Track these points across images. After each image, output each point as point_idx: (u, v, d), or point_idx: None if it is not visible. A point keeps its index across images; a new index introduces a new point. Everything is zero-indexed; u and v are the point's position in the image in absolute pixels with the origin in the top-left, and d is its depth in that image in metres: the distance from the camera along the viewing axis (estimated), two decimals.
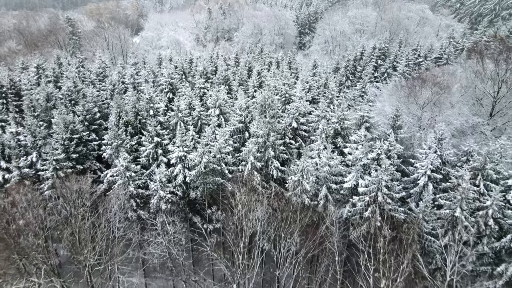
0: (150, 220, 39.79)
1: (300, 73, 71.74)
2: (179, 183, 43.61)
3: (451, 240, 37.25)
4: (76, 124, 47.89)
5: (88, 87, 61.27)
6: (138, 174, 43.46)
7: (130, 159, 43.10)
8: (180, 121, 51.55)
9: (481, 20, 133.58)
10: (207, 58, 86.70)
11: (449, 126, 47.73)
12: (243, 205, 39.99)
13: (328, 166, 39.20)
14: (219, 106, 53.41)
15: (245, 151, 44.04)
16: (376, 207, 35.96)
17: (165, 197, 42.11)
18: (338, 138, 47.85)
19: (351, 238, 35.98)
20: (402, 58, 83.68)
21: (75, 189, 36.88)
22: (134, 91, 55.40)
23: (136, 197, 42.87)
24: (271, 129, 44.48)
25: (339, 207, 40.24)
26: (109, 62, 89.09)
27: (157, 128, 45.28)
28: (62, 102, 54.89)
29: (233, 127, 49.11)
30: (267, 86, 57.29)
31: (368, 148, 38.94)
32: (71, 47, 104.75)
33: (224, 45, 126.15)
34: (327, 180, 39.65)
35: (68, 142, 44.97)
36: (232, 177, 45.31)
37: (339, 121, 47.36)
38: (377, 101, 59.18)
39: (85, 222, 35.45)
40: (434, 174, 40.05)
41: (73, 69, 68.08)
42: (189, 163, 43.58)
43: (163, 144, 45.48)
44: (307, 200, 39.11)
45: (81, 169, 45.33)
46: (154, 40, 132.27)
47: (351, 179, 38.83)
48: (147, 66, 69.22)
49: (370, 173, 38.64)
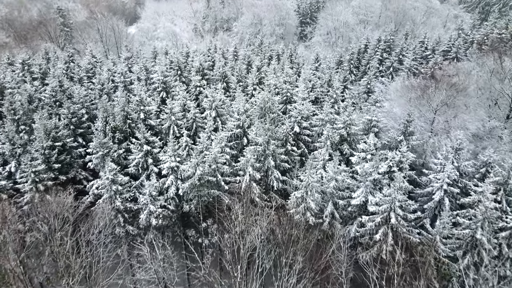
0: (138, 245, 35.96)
1: (302, 69, 67.54)
2: (172, 196, 39.94)
3: (470, 263, 33.85)
4: (59, 130, 44.02)
5: (76, 85, 57.30)
6: (126, 187, 39.68)
7: (117, 170, 39.36)
8: (173, 124, 47.76)
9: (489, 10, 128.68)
10: (205, 52, 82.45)
11: (464, 131, 43.96)
12: (241, 222, 36.45)
13: (335, 181, 35.42)
14: (215, 108, 49.46)
15: (243, 161, 40.29)
16: (388, 228, 32.33)
17: (155, 212, 38.48)
18: (344, 145, 44.06)
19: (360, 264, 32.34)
20: (408, 51, 79.53)
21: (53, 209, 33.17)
22: (124, 92, 51.43)
23: (124, 211, 39.20)
24: (271, 137, 40.67)
25: (346, 225, 36.65)
26: (102, 56, 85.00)
27: (147, 135, 41.41)
28: (46, 103, 50.91)
29: (231, 133, 45.24)
30: (267, 86, 53.19)
31: (378, 160, 35.07)
32: (63, 39, 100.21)
33: (222, 37, 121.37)
34: (333, 195, 35.92)
35: (49, 151, 41.04)
36: (229, 188, 41.69)
37: (345, 126, 43.52)
38: (384, 100, 55.21)
39: (65, 246, 31.84)
40: (451, 188, 36.39)
41: (60, 65, 63.95)
42: (182, 174, 39.84)
43: (153, 152, 41.67)
44: (311, 219, 35.44)
45: (65, 180, 41.60)
46: (150, 31, 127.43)
47: (360, 195, 35.12)
48: (141, 62, 64.98)
49: (381, 189, 34.95)
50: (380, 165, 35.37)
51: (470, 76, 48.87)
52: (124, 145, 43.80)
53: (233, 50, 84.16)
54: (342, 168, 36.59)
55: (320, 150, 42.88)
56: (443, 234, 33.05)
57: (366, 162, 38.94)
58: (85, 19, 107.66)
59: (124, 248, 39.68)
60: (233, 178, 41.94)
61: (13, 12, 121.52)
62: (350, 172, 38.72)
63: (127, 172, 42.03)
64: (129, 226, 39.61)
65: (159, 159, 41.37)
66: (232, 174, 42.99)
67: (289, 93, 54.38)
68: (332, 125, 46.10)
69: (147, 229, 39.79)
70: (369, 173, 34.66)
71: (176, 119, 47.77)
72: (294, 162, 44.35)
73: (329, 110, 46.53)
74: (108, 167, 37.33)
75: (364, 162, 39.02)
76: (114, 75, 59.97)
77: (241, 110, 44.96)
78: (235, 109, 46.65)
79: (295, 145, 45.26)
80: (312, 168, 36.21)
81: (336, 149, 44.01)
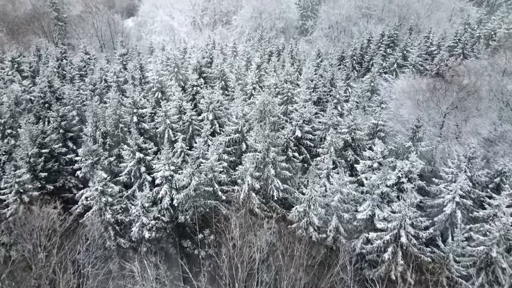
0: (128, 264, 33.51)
1: (303, 67, 64.81)
2: (166, 207, 37.58)
3: (485, 281, 31.58)
4: (47, 135, 41.49)
5: (67, 85, 54.70)
6: (117, 197, 37.25)
7: (108, 179, 36.97)
8: (168, 128, 45.30)
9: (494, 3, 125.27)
10: (203, 47, 79.65)
11: (476, 136, 41.56)
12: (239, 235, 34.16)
13: (340, 194, 33.00)
14: (212, 110, 46.90)
15: (241, 170, 37.87)
16: (398, 247, 29.99)
17: (148, 224, 36.14)
18: (349, 150, 41.71)
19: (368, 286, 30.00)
20: (413, 47, 76.68)
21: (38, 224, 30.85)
22: (117, 93, 48.81)
23: (115, 224, 36.83)
24: (271, 143, 38.20)
25: (351, 239, 34.31)
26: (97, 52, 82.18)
27: (139, 141, 38.87)
28: (35, 105, 48.36)
29: (229, 138, 42.78)
30: (267, 87, 50.61)
31: (386, 172, 32.60)
32: (57, 33, 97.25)
33: (221, 31, 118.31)
34: (337, 209, 33.52)
35: (35, 158, 38.50)
36: (227, 197, 39.35)
37: (349, 131, 41.09)
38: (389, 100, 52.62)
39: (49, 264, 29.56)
40: (464, 200, 34.01)
41: (52, 63, 61.17)
42: (177, 183, 37.45)
43: (146, 160, 39.22)
44: (314, 234, 33.09)
45: (52, 190, 39.15)
46: (148, 25, 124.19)
47: (366, 208, 32.74)
48: (135, 60, 62.31)
49: (390, 202, 32.56)
50: (388, 176, 32.91)
51: (482, 77, 46.22)
52: (116, 151, 41.37)
53: (232, 46, 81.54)
54: (347, 179, 34.11)
55: (323, 157, 40.45)
56: (457, 252, 30.73)
57: (372, 171, 36.65)
58: (80, 13, 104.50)
59: (115, 261, 37.36)
60: (231, 187, 39.60)
61: (7, 5, 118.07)
62: (355, 182, 36.29)
63: (119, 181, 39.65)
64: (121, 239, 37.28)
65: (152, 167, 38.92)
66: (230, 182, 40.66)
67: (290, 93, 51.88)
68: (336, 128, 43.72)
69: (140, 242, 37.45)
70: (377, 186, 32.25)
71: (171, 122, 45.29)
72: (296, 170, 41.95)
73: (332, 112, 44.00)
74: (97, 177, 34.89)
75: (370, 171, 36.70)
76: (107, 75, 57.30)
77: (239, 114, 42.44)
78: (234, 113, 44.13)
79: (296, 151, 42.85)
80: (315, 176, 33.76)
81: (340, 155, 41.70)
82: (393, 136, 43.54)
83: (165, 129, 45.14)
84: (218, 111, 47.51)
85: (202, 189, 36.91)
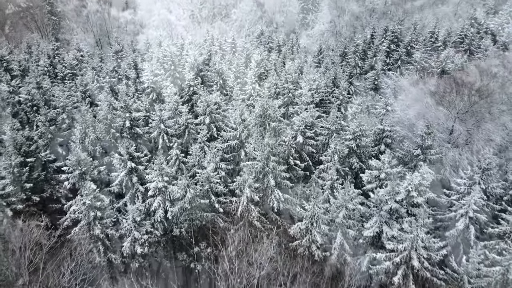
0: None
1: (304, 65, 62.25)
2: (159, 219, 35.31)
3: None
4: (33, 142, 39.05)
5: (58, 85, 52.17)
6: (108, 210, 34.87)
7: (98, 190, 34.64)
8: (162, 133, 42.94)
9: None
10: (201, 43, 77.13)
11: (488, 143, 39.23)
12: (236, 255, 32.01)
13: (345, 209, 30.69)
14: (210, 113, 44.46)
15: (239, 181, 35.53)
16: (409, 269, 27.77)
17: (140, 239, 33.92)
18: (353, 158, 39.38)
19: None
20: (418, 43, 74.05)
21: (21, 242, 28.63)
22: (109, 95, 46.25)
23: (105, 238, 34.54)
24: (271, 152, 35.82)
25: (356, 255, 32.10)
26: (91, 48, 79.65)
27: (131, 149, 36.45)
28: (22, 108, 45.92)
29: (226, 144, 40.43)
30: (267, 89, 48.17)
31: (395, 185, 30.29)
32: (50, 28, 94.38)
33: (220, 25, 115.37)
34: (343, 225, 31.22)
35: (19, 168, 36.08)
36: (224, 208, 37.12)
37: (354, 137, 38.71)
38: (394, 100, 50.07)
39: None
40: (477, 215, 31.71)
41: (42, 62, 58.54)
42: (171, 195, 35.14)
43: (139, 170, 36.84)
44: (317, 253, 30.86)
45: (38, 201, 36.79)
46: (145, 19, 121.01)
47: (373, 225, 30.49)
48: (130, 57, 59.67)
49: (399, 218, 30.27)
50: (397, 189, 30.61)
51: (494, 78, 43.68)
52: (107, 160, 39.04)
53: (231, 42, 78.64)
54: (353, 193, 31.75)
55: (326, 165, 38.13)
56: (471, 274, 28.53)
57: (379, 181, 34.41)
58: (75, 7, 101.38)
59: (106, 277, 35.21)
60: (228, 199, 37.35)
61: None
62: (361, 194, 33.96)
63: (110, 191, 37.34)
64: (112, 254, 35.03)
65: (145, 177, 36.54)
66: (228, 192, 38.37)
67: (291, 94, 49.50)
68: (339, 133, 41.37)
69: (132, 257, 35.22)
70: (385, 201, 29.93)
71: (166, 127, 42.91)
72: (298, 178, 39.70)
73: (335, 115, 41.56)
74: (86, 190, 32.53)
75: (377, 181, 34.47)
76: (99, 75, 54.72)
77: (238, 120, 40.02)
78: (232, 117, 41.74)
79: (298, 158, 40.54)
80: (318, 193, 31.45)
81: (344, 162, 39.36)
82: (400, 142, 41.22)
83: (159, 134, 42.79)
84: (216, 114, 45.09)
85: (198, 201, 34.61)
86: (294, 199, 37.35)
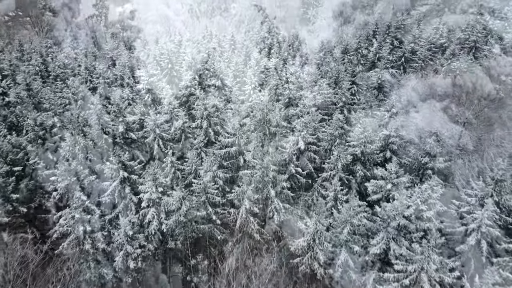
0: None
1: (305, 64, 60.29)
2: (153, 232, 33.51)
3: None
4: (21, 148, 37.17)
5: (50, 86, 50.12)
6: (99, 222, 33.02)
7: (89, 201, 32.85)
8: (158, 138, 41.05)
9: None
10: (199, 40, 75.06)
11: (499, 149, 37.40)
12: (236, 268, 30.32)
13: (349, 225, 28.87)
14: (207, 117, 42.53)
15: (238, 191, 33.70)
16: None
17: (133, 253, 32.15)
18: (357, 165, 37.48)
19: None
20: (421, 39, 71.91)
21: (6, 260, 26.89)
22: (102, 98, 44.34)
23: (96, 253, 32.73)
24: (271, 161, 33.94)
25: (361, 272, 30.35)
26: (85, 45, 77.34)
27: (123, 158, 34.52)
28: (11, 111, 43.99)
29: (224, 150, 38.54)
30: (268, 91, 46.19)
31: (403, 199, 28.42)
32: (45, 24, 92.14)
33: (219, 20, 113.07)
34: (347, 241, 29.40)
35: (5, 178, 34.20)
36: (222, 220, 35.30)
37: (359, 144, 36.78)
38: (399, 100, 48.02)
39: None
40: (490, 230, 29.92)
41: (34, 61, 56.42)
42: (166, 207, 33.31)
43: (132, 179, 34.96)
44: (320, 271, 29.08)
45: (25, 212, 34.90)
46: (142, 13, 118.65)
47: (380, 241, 28.68)
48: (125, 56, 57.65)
49: (407, 234, 28.47)
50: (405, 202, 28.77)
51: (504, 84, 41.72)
52: (99, 167, 37.16)
53: (230, 39, 76.40)
54: (357, 206, 29.88)
55: (329, 173, 36.26)
56: None
57: (384, 192, 32.62)
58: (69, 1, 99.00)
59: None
60: (226, 210, 35.53)
61: None
62: (366, 205, 32.09)
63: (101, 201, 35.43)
64: (103, 269, 33.21)
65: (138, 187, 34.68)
66: (226, 202, 36.52)
67: (291, 95, 47.52)
68: (342, 139, 39.43)
69: (125, 272, 33.45)
70: (393, 217, 28.09)
71: (161, 132, 41.02)
72: (299, 186, 37.88)
73: (338, 117, 39.53)
74: (74, 203, 30.70)
75: (383, 192, 32.68)
76: (92, 75, 52.65)
77: (236, 126, 38.08)
78: (230, 123, 39.82)
79: (299, 165, 38.63)
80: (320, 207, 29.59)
81: (348, 170, 37.47)
82: (405, 148, 39.36)
83: (154, 139, 40.92)
84: (214, 118, 43.17)
85: (194, 214, 32.80)
86: (295, 210, 35.55)
